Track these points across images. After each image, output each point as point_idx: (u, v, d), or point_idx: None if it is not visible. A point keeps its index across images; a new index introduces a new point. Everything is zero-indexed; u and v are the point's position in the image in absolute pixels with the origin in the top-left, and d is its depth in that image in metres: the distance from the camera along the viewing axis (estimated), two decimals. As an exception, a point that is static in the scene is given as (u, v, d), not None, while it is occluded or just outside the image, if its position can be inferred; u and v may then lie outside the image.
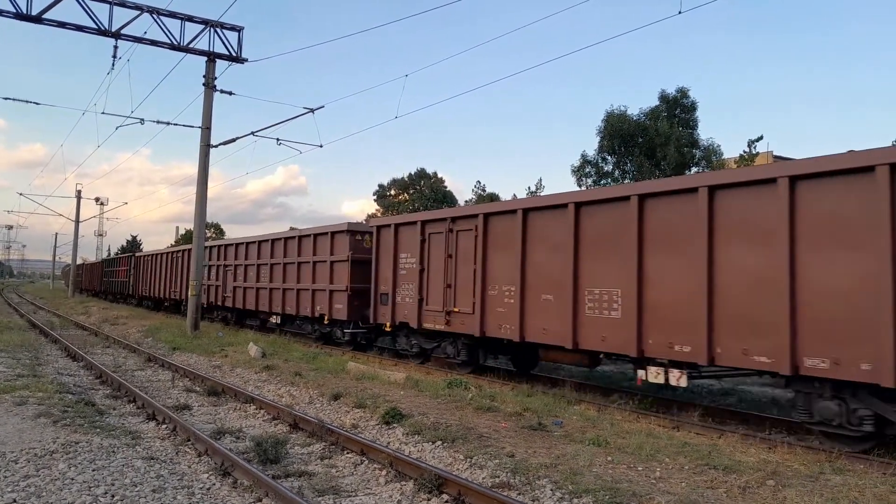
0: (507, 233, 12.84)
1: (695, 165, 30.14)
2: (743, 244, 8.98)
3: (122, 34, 19.18)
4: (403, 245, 15.94)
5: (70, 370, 13.90)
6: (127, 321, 27.54)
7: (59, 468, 6.59)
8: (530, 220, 12.39)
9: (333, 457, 7.59)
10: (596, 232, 11.07)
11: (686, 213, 9.68)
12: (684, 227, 9.70)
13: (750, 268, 8.88)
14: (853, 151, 8.22)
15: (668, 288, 9.87)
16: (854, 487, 6.22)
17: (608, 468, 6.70)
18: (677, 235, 9.81)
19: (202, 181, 21.46)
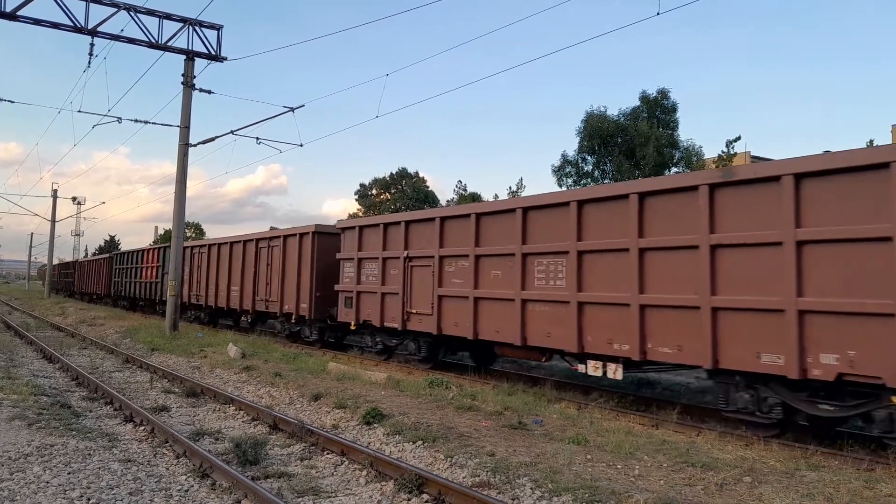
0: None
1: (674, 166, 30.42)
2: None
3: (98, 32, 18.94)
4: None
5: (46, 372, 13.71)
6: (105, 322, 27.20)
7: (34, 471, 6.50)
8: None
9: (313, 457, 7.56)
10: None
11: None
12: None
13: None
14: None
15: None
16: (829, 483, 6.31)
17: (587, 466, 6.74)
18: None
19: (181, 180, 21.26)
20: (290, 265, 19.51)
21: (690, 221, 9.26)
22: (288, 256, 19.75)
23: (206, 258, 25.73)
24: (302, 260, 18.89)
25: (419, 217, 15.21)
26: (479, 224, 13.13)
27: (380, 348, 16.65)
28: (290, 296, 19.40)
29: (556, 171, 32.36)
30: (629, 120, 30.59)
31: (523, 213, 12.06)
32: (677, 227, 9.47)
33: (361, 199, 56.83)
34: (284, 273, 19.79)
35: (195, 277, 26.64)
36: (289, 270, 19.61)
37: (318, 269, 18.30)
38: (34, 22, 18.35)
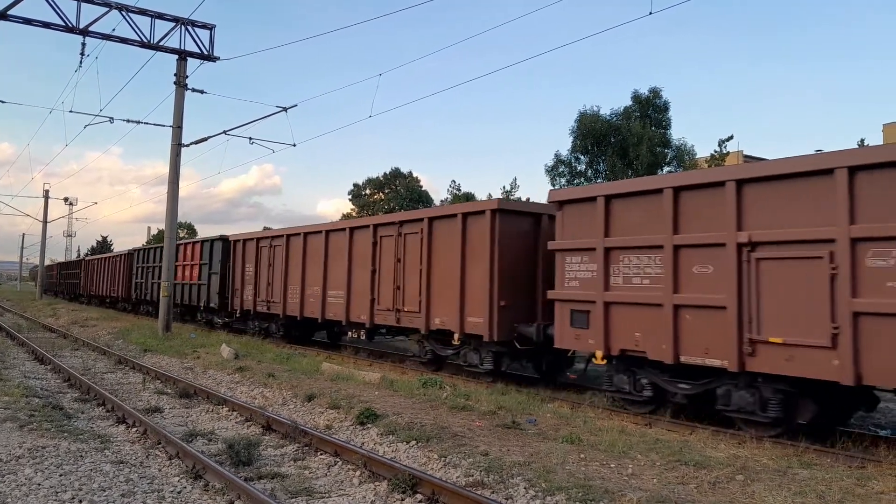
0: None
1: (667, 165, 30.52)
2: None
3: (90, 31, 18.86)
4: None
5: (37, 373, 13.64)
6: (97, 323, 27.09)
7: (26, 473, 6.46)
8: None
9: (307, 458, 7.55)
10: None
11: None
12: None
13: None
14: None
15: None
16: (821, 481, 6.34)
17: (581, 465, 6.75)
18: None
19: (174, 181, 21.19)
20: (447, 261, 13.77)
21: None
22: (440, 248, 14.09)
23: (281, 253, 20.19)
24: (470, 253, 13.21)
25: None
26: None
27: (648, 396, 10.28)
28: (446, 305, 13.68)
29: (549, 170, 32.45)
30: (622, 119, 30.68)
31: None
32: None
33: (355, 199, 56.82)
34: (431, 272, 14.17)
35: (262, 279, 21.20)
36: (443, 268, 13.90)
37: (502, 267, 12.61)
38: (25, 22, 18.25)
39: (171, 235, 21.40)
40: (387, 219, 16.77)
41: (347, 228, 17.15)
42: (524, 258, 12.85)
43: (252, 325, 22.26)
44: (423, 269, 14.27)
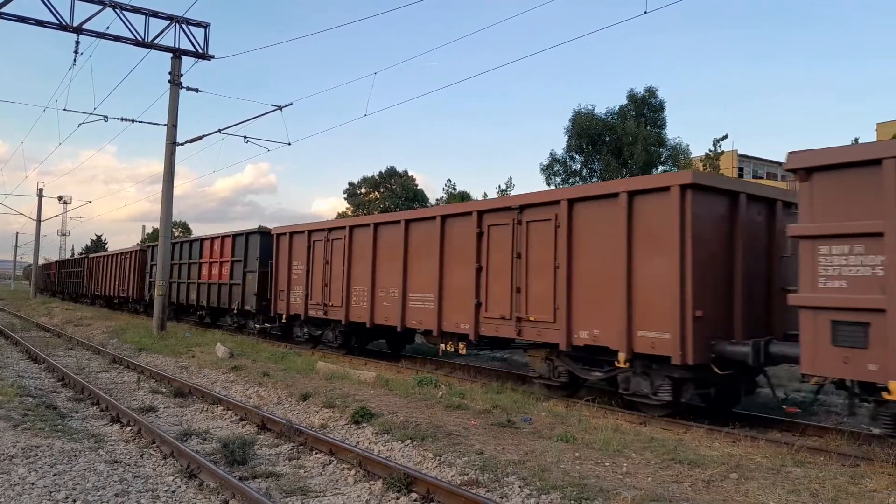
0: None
1: (662, 164, 30.57)
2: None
3: (83, 29, 18.80)
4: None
5: (31, 373, 13.59)
6: (91, 322, 27.00)
7: (19, 473, 6.44)
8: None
9: (302, 457, 7.54)
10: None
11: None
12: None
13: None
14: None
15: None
16: (815, 479, 6.37)
17: (576, 464, 6.76)
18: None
19: (168, 179, 21.15)
20: (600, 255, 10.62)
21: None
22: (587, 238, 10.93)
23: (342, 248, 16.92)
24: (641, 244, 9.99)
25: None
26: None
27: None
28: (600, 314, 10.52)
29: (544, 169, 32.47)
30: (617, 119, 30.70)
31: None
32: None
33: (350, 199, 56.71)
34: (573, 270, 11.03)
35: (316, 278, 17.91)
36: (593, 265, 10.78)
37: (698, 264, 9.42)
38: (18, 19, 18.18)
39: (166, 234, 21.37)
40: (497, 203, 13.84)
41: (438, 217, 13.94)
42: (721, 252, 9.76)
43: (300, 332, 18.94)
44: (558, 266, 11.16)
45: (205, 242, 24.80)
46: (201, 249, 24.82)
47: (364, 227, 16.51)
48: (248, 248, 21.51)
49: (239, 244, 22.07)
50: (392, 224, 15.54)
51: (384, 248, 15.64)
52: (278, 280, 19.58)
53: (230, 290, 22.35)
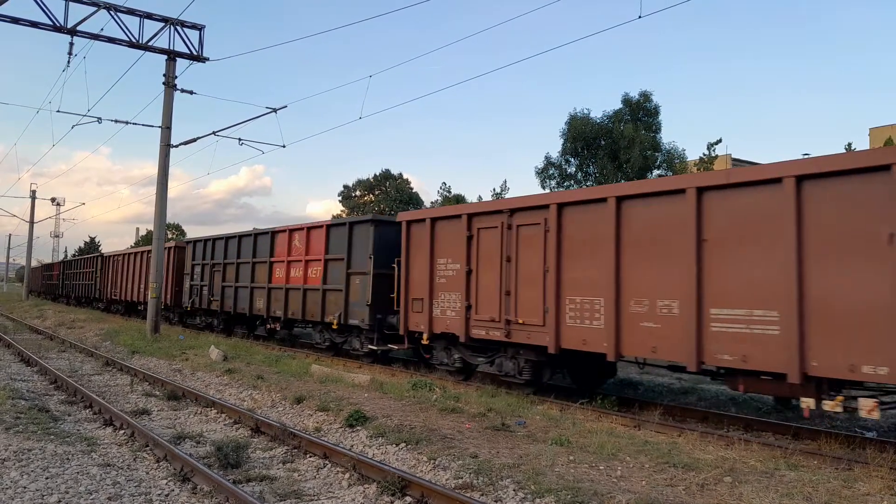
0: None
1: (657, 168, 30.63)
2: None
3: (78, 31, 18.73)
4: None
5: (23, 375, 13.52)
6: (84, 324, 26.89)
7: (11, 476, 6.40)
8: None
9: (296, 460, 7.52)
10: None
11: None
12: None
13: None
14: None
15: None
16: (808, 483, 6.38)
17: (570, 467, 6.76)
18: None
19: (162, 182, 21.08)
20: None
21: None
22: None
23: (538, 239, 11.39)
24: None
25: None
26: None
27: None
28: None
29: (539, 173, 32.49)
30: (612, 122, 30.76)
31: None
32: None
33: (345, 201, 56.68)
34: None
35: (486, 283, 12.43)
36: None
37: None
38: (12, 21, 18.12)
39: (160, 236, 21.28)
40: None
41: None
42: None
43: (448, 357, 13.73)
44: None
45: (278, 236, 19.62)
46: (272, 245, 19.76)
47: (589, 204, 10.75)
48: (352, 241, 16.30)
49: (337, 237, 16.89)
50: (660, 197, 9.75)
51: (642, 240, 9.92)
52: (411, 285, 14.24)
53: (323, 297, 17.04)
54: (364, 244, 15.93)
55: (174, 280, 26.83)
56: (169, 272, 26.54)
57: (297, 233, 18.77)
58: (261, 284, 20.34)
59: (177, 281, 26.74)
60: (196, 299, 24.73)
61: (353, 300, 16.14)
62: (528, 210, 11.73)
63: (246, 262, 21.35)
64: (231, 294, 22.19)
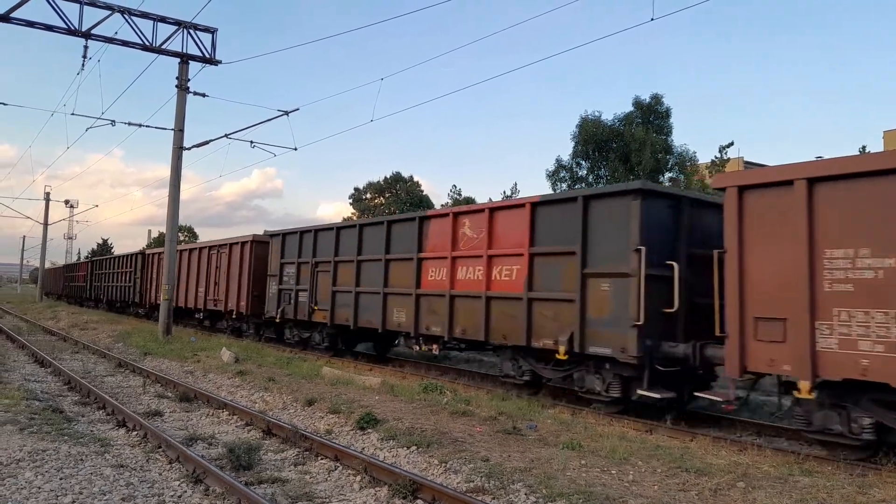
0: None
1: (668, 171, 30.52)
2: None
3: (92, 34, 18.89)
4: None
5: (37, 376, 13.63)
6: (97, 326, 27.07)
7: (26, 477, 6.45)
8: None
9: (307, 463, 7.53)
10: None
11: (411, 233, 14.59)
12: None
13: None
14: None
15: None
16: (822, 489, 6.33)
17: (582, 472, 6.74)
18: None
19: (175, 184, 21.21)
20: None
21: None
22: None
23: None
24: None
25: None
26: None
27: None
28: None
29: (550, 175, 32.43)
30: (623, 125, 30.69)
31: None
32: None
33: (355, 203, 56.81)
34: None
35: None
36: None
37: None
38: (28, 24, 18.29)
39: (173, 238, 21.41)
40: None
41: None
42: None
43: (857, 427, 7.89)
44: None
45: (432, 223, 14.38)
46: (422, 235, 14.52)
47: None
48: (591, 225, 10.95)
49: (558, 220, 11.57)
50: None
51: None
52: (755, 293, 8.64)
53: (528, 310, 11.79)
54: (618, 229, 10.44)
55: (251, 283, 21.58)
56: (244, 273, 21.96)
57: (469, 217, 13.42)
58: (401, 289, 14.93)
59: (255, 284, 21.43)
60: (288, 308, 19.28)
61: (596, 316, 10.67)
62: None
63: (373, 260, 16.08)
64: (348, 302, 16.78)
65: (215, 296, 24.00)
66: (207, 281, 24.75)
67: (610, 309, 10.46)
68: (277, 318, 19.72)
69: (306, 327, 19.16)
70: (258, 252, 21.66)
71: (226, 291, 23.08)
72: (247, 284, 21.76)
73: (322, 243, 18.36)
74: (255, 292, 21.42)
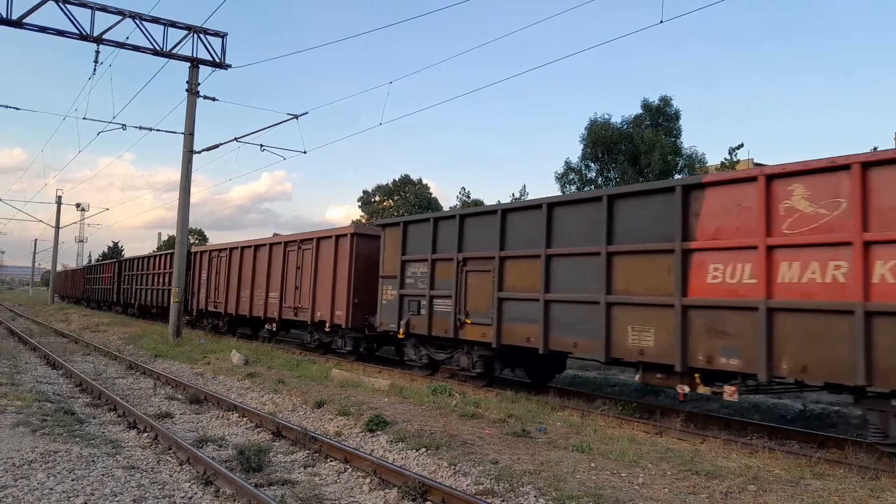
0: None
1: (678, 173, 30.42)
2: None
3: (103, 39, 19.05)
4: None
5: (49, 378, 13.72)
6: (108, 328, 27.23)
7: (38, 478, 6.50)
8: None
9: (317, 465, 7.55)
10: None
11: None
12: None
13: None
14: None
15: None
16: (834, 492, 6.29)
17: (591, 474, 6.73)
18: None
19: (185, 187, 21.33)
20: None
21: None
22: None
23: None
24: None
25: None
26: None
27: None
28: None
29: (559, 178, 32.41)
30: (632, 127, 30.63)
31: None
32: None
33: (364, 206, 56.93)
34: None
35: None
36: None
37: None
38: (40, 30, 18.46)
39: (183, 241, 21.51)
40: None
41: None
42: None
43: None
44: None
45: (712, 194, 9.43)
46: (686, 214, 9.66)
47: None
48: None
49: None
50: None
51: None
52: None
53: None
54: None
55: (353, 285, 17.02)
56: (340, 275, 17.44)
57: (804, 182, 8.47)
58: (644, 297, 10.07)
59: (361, 286, 16.97)
60: (416, 320, 14.68)
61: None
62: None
63: (580, 255, 11.17)
64: (528, 314, 11.98)
65: (296, 303, 19.43)
66: (283, 284, 20.23)
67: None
68: (401, 333, 14.93)
69: (443, 346, 14.45)
70: (362, 248, 17.17)
71: (312, 297, 18.51)
72: (346, 289, 17.09)
73: (472, 233, 13.50)
74: (355, 299, 16.96)
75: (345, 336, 17.88)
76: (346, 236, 17.62)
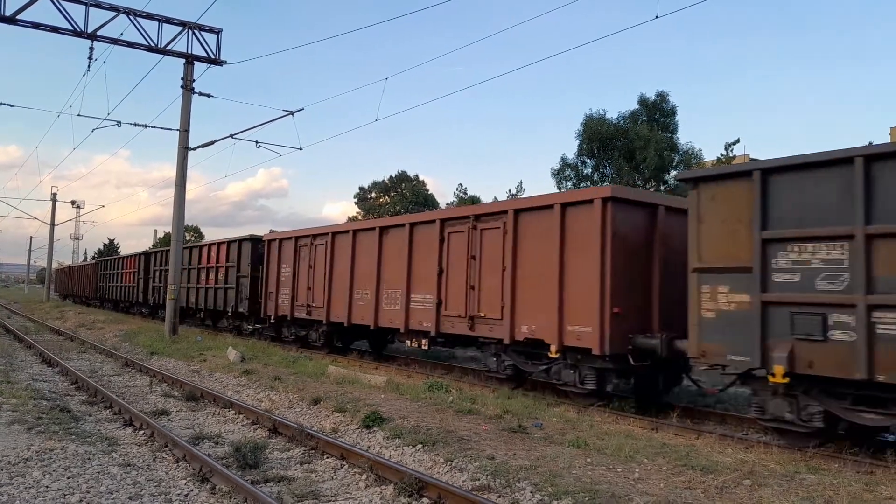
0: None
1: (674, 169, 30.47)
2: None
3: (98, 35, 18.98)
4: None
5: (45, 376, 13.69)
6: (104, 326, 27.20)
7: (34, 476, 6.49)
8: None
9: (313, 461, 7.55)
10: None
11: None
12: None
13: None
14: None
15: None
16: (829, 486, 6.31)
17: (587, 470, 6.74)
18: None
19: (180, 184, 21.28)
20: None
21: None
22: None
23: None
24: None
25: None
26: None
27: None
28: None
29: (555, 174, 32.45)
30: (628, 123, 30.66)
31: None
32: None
33: (361, 203, 56.89)
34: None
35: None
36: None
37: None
38: (34, 26, 18.38)
39: (179, 238, 21.47)
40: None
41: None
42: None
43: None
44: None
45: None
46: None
47: None
48: None
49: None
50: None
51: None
52: None
53: None
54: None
55: (612, 284, 10.57)
56: (574, 262, 11.10)
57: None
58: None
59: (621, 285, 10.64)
60: (806, 348, 7.97)
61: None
62: None
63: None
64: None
65: (470, 309, 13.09)
66: (443, 282, 13.90)
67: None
68: (778, 373, 8.09)
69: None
70: (624, 223, 10.82)
71: (510, 300, 12.13)
72: (596, 290, 10.58)
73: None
74: (615, 307, 10.52)
75: (580, 367, 11.12)
76: (590, 204, 10.92)
